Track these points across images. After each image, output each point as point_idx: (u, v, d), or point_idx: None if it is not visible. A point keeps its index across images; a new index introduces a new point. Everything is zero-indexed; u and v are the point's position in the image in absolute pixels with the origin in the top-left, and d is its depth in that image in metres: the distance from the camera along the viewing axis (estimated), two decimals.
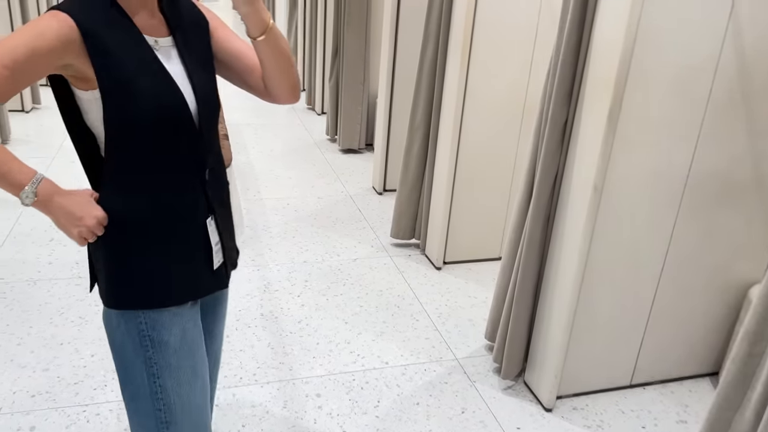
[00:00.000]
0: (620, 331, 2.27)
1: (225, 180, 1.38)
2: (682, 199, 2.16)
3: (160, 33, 1.22)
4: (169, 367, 1.26)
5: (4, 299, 2.63)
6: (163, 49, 1.21)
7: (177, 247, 1.26)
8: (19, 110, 5.20)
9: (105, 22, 1.14)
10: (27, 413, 2.04)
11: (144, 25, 1.19)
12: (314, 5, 5.50)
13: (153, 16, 1.22)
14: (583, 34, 2.00)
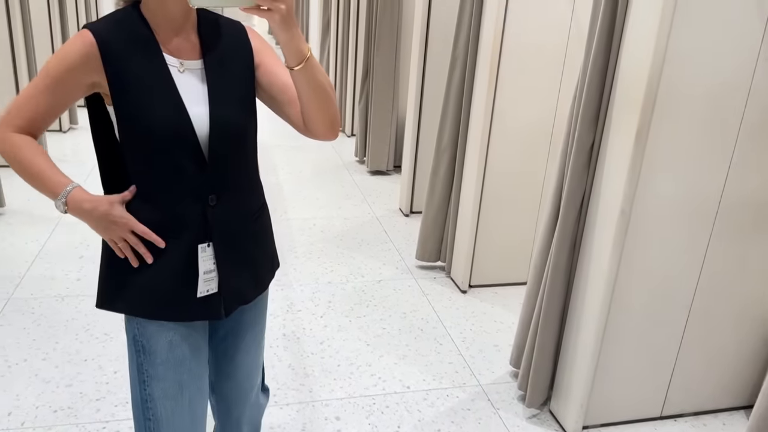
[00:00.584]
0: (649, 361, 2.20)
1: (245, 211, 1.33)
2: (714, 226, 2.09)
3: (190, 56, 1.22)
4: (156, 377, 1.26)
5: (32, 314, 2.68)
6: (188, 72, 1.21)
7: (165, 267, 1.24)
8: (56, 130, 5.37)
9: (127, 40, 1.17)
10: (48, 428, 2.05)
11: (173, 47, 1.20)
12: (346, 30, 5.58)
13: (186, 39, 1.22)
14: (610, 56, 1.98)
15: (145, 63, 1.18)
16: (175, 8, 1.19)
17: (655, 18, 1.79)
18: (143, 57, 1.18)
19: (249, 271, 1.35)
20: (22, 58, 4.22)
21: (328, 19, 6.55)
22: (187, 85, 1.20)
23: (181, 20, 1.21)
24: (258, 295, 1.39)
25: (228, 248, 1.28)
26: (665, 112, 1.91)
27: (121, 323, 2.61)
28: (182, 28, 1.22)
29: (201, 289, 1.26)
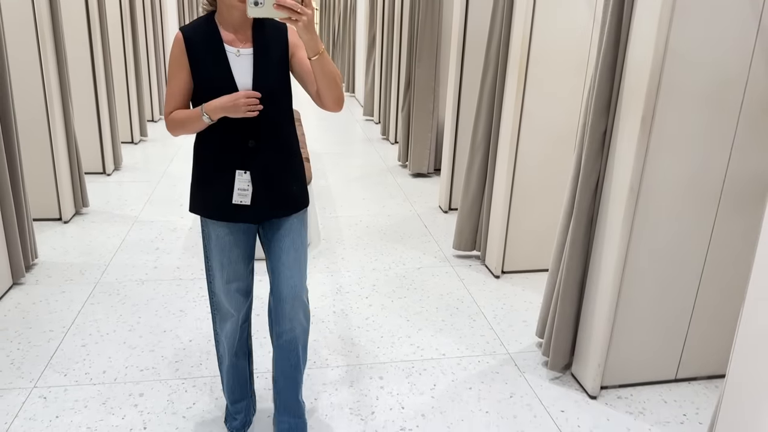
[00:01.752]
0: (664, 327, 2.42)
1: (277, 153, 1.84)
2: (720, 202, 2.30)
3: (244, 45, 1.77)
4: (210, 256, 1.93)
5: (118, 295, 3.09)
6: (243, 56, 1.76)
7: (217, 184, 1.82)
8: (129, 142, 5.91)
9: (203, 36, 1.75)
10: (137, 383, 2.42)
11: (232, 40, 1.76)
12: (390, 44, 5.96)
13: (243, 35, 1.77)
14: (618, 51, 2.24)
15: (210, 50, 1.75)
16: (235, 16, 1.74)
17: (655, 16, 2.05)
18: (209, 47, 1.75)
19: (277, 195, 1.86)
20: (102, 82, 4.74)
21: (374, 35, 6.95)
22: (241, 65, 1.76)
23: (240, 23, 1.76)
24: (284, 215, 1.89)
25: (260, 177, 1.82)
26: (669, 100, 2.14)
27: (193, 302, 3.00)
28: (240, 28, 1.77)
29: (235, 200, 1.82)
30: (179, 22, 8.60)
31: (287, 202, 1.89)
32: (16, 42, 3.53)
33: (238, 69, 1.75)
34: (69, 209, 3.99)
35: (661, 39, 2.07)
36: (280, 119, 1.83)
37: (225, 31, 1.76)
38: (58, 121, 3.82)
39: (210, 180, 1.83)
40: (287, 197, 1.89)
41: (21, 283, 3.14)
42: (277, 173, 1.85)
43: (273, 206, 1.87)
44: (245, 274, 1.96)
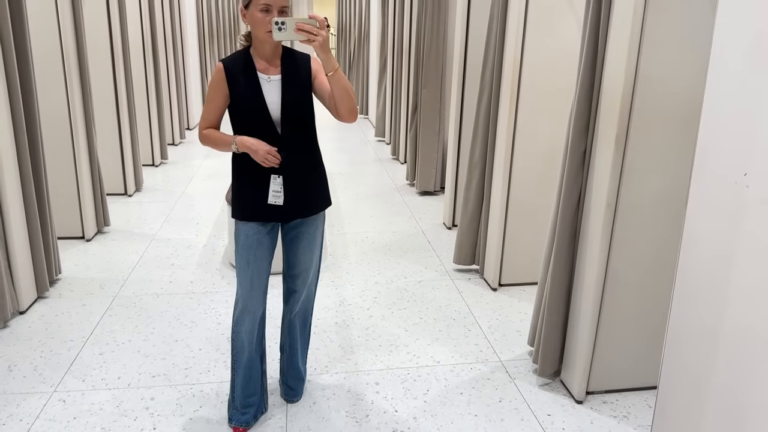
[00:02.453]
0: (646, 335, 2.53)
1: (304, 161, 2.17)
2: None
3: (274, 72, 2.09)
4: (238, 251, 2.19)
5: (134, 307, 3.28)
6: (273, 82, 2.08)
7: (254, 190, 2.14)
8: (150, 164, 6.18)
9: (239, 66, 2.08)
10: (149, 388, 2.59)
11: (264, 68, 2.09)
12: (399, 69, 6.17)
13: (273, 64, 2.10)
14: (595, 76, 2.39)
15: (246, 77, 2.07)
16: (267, 49, 2.07)
17: (625, 43, 2.20)
18: (245, 75, 2.07)
19: (305, 198, 2.19)
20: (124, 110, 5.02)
21: (385, 59, 7.17)
22: (271, 89, 2.08)
23: (271, 55, 2.08)
24: (310, 215, 2.22)
25: (291, 181, 2.13)
26: (641, 121, 2.28)
27: (204, 314, 3.18)
28: (271, 59, 2.09)
29: (270, 200, 2.13)
30: (199, 51, 8.95)
31: (314, 204, 2.23)
32: (44, 70, 3.79)
33: (268, 91, 2.07)
34: (91, 228, 4.22)
35: (631, 65, 2.22)
36: (304, 131, 2.15)
37: (258, 62, 2.08)
38: (82, 146, 4.07)
39: (248, 186, 2.15)
40: (312, 198, 2.22)
41: (45, 297, 3.36)
42: (304, 178, 2.17)
43: (300, 206, 2.18)
44: (266, 271, 2.24)
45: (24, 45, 3.10)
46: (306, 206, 2.21)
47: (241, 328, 2.26)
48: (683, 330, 1.70)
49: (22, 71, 3.12)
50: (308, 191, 2.20)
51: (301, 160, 2.16)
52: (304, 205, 2.20)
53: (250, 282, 2.19)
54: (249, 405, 2.34)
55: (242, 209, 2.17)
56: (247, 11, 2.02)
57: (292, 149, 2.11)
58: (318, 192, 2.25)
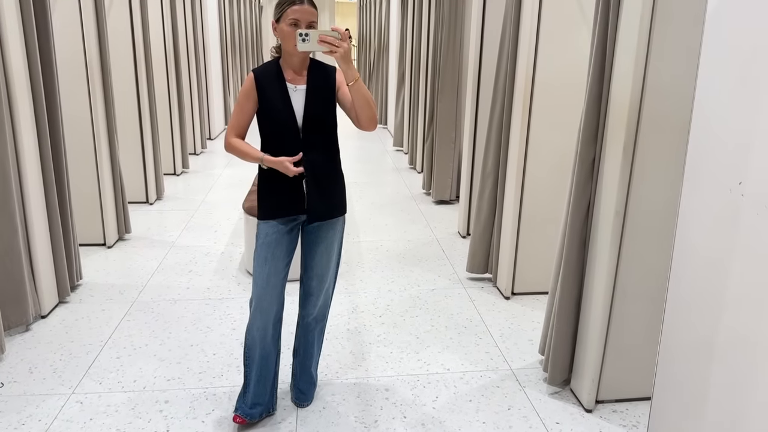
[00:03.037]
0: (657, 343, 2.51)
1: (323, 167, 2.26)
2: None
3: (300, 83, 2.21)
4: (257, 249, 2.28)
5: (152, 312, 3.35)
6: (299, 91, 2.20)
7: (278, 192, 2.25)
8: (171, 173, 6.30)
9: (269, 76, 2.21)
10: (164, 391, 2.65)
11: (291, 78, 2.21)
12: (417, 79, 6.22)
13: (300, 75, 2.22)
14: (603, 85, 2.41)
15: (276, 87, 2.20)
16: (295, 61, 2.19)
17: (632, 54, 2.22)
18: (275, 84, 2.20)
19: (325, 201, 2.28)
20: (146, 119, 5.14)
21: (403, 71, 7.24)
22: (298, 98, 2.20)
23: (298, 66, 2.20)
24: (329, 218, 2.30)
25: (312, 184, 2.23)
26: (649, 130, 2.29)
27: (219, 320, 3.24)
28: (299, 70, 2.21)
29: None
30: (222, 63, 9.10)
31: (332, 209, 2.32)
32: (67, 79, 3.90)
33: (295, 100, 2.19)
34: (112, 235, 4.32)
35: (638, 74, 2.23)
36: (325, 138, 2.26)
37: (287, 72, 2.21)
38: (105, 154, 4.18)
39: (273, 189, 2.26)
40: (331, 205, 2.31)
41: (66, 302, 3.45)
42: (324, 181, 2.27)
43: (320, 208, 2.28)
44: (283, 271, 2.31)
45: (49, 54, 3.21)
46: (325, 209, 2.29)
47: (253, 325, 2.33)
48: (676, 339, 1.71)
49: (47, 80, 3.23)
50: (327, 195, 2.29)
51: (321, 164, 2.25)
52: (323, 208, 2.29)
53: (266, 279, 2.27)
54: (257, 403, 2.40)
55: (264, 209, 2.29)
56: (278, 25, 2.17)
57: (313, 154, 2.22)
58: (337, 197, 2.33)
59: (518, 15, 3.26)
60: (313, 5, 2.16)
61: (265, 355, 2.37)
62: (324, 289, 2.42)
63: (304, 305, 2.46)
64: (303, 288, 2.44)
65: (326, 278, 2.40)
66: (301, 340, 2.53)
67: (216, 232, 4.67)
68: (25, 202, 3.10)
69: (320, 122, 2.22)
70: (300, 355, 2.54)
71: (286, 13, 2.12)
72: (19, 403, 2.53)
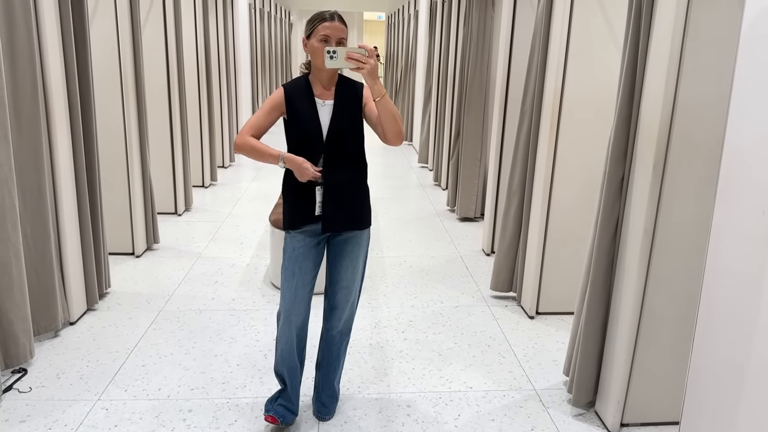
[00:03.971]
0: (685, 367, 2.46)
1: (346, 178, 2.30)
2: None
3: (328, 98, 2.26)
4: (285, 263, 2.33)
5: (177, 322, 3.39)
6: (326, 106, 2.25)
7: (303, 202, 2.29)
8: (200, 185, 6.40)
9: (298, 90, 2.26)
10: (187, 400, 2.67)
11: (320, 93, 2.26)
12: (443, 96, 6.25)
13: (329, 90, 2.27)
14: (633, 104, 2.40)
15: (304, 101, 2.25)
16: (324, 76, 2.24)
17: (663, 73, 2.21)
18: (304, 99, 2.25)
19: (342, 213, 2.30)
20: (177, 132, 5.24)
21: (430, 88, 7.27)
22: (325, 111, 2.25)
23: (327, 82, 2.25)
24: (345, 230, 2.32)
25: (329, 195, 2.26)
26: (679, 150, 2.26)
27: (244, 330, 3.27)
28: (327, 85, 2.26)
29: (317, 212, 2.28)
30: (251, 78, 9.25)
31: (352, 221, 2.34)
32: (103, 92, 4.00)
33: (322, 114, 2.24)
34: (141, 245, 4.39)
35: (669, 92, 2.22)
36: (351, 152, 2.30)
37: (316, 87, 2.26)
38: (136, 165, 4.27)
39: (297, 200, 2.30)
40: (352, 217, 2.34)
41: (94, 309, 3.51)
42: (344, 194, 2.30)
43: (340, 220, 2.30)
44: (310, 284, 2.36)
45: (86, 67, 3.30)
46: (343, 220, 2.32)
47: (282, 336, 2.38)
48: (706, 362, 1.68)
49: (83, 92, 3.31)
50: (346, 206, 2.31)
51: (343, 177, 2.29)
52: (341, 219, 2.31)
53: (294, 292, 2.31)
54: (290, 411, 2.45)
55: (290, 220, 2.33)
56: (309, 41, 2.22)
57: (335, 167, 2.26)
58: (357, 210, 2.35)
59: (547, 33, 3.27)
60: (343, 22, 2.21)
61: (292, 366, 2.41)
62: (349, 302, 2.44)
63: (328, 318, 2.48)
64: (328, 301, 2.46)
65: (351, 291, 2.43)
66: (324, 353, 2.54)
67: (242, 244, 4.71)
68: (58, 211, 3.17)
69: (345, 136, 2.26)
70: (323, 368, 2.55)
71: (317, 30, 2.17)
72: (47, 407, 2.57)
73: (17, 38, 2.79)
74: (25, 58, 2.82)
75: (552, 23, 3.24)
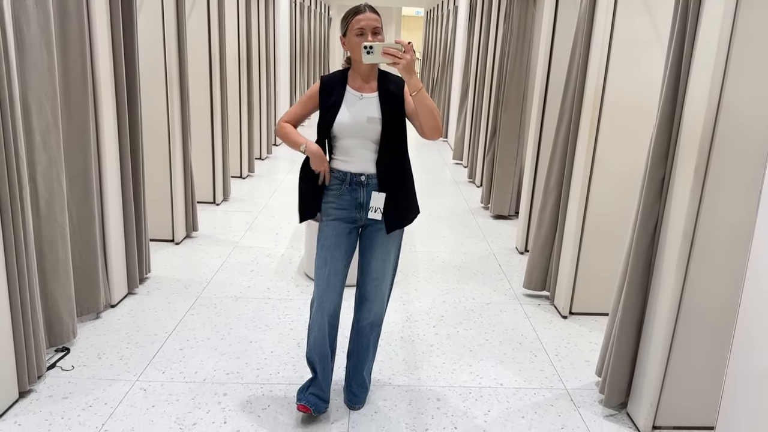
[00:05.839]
0: (720, 371, 2.43)
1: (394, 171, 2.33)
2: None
3: (369, 91, 2.29)
4: (318, 252, 2.37)
5: (214, 308, 3.47)
6: (366, 99, 2.28)
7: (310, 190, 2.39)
8: (238, 176, 6.51)
9: (333, 83, 2.32)
10: (222, 384, 2.74)
11: (359, 86, 2.30)
12: (480, 93, 6.22)
13: (369, 83, 2.30)
14: (676, 105, 2.37)
15: (337, 94, 2.30)
16: (363, 70, 2.28)
17: (708, 75, 2.17)
18: (338, 91, 2.30)
19: (401, 208, 2.35)
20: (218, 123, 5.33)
21: (467, 85, 7.24)
22: (364, 105, 2.28)
23: (367, 75, 2.29)
24: (404, 225, 2.38)
25: (387, 192, 2.31)
26: (722, 152, 2.22)
27: (278, 319, 3.33)
28: (367, 78, 2.30)
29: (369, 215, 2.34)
30: (290, 71, 9.34)
31: (406, 213, 2.39)
32: (148, 81, 4.11)
33: (360, 107, 2.27)
34: (181, 233, 4.50)
35: (714, 95, 2.18)
36: (398, 145, 2.31)
37: (355, 80, 2.31)
38: (178, 155, 4.37)
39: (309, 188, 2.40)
40: (407, 208, 2.39)
41: (135, 293, 3.61)
42: (399, 186, 2.34)
43: (400, 215, 2.36)
44: (342, 272, 2.38)
45: (133, 59, 3.40)
46: (404, 216, 2.38)
47: (315, 324, 2.41)
48: (744, 368, 1.65)
49: (130, 83, 3.41)
50: (402, 201, 2.35)
51: (393, 170, 2.32)
52: (401, 215, 2.37)
53: (326, 280, 2.35)
54: (322, 399, 2.49)
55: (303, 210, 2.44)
56: (346, 38, 2.26)
57: (385, 161, 2.30)
58: (408, 202, 2.40)
59: (590, 32, 3.24)
60: (375, 12, 2.24)
61: (324, 353, 2.44)
62: (380, 294, 2.46)
63: (359, 309, 2.51)
64: (359, 292, 2.49)
65: (383, 284, 2.44)
66: (355, 343, 2.57)
67: (277, 235, 4.79)
68: (103, 196, 3.27)
69: (390, 125, 2.27)
70: (353, 358, 2.59)
71: (351, 24, 2.21)
72: (87, 386, 2.67)
73: (69, 29, 2.88)
74: (76, 48, 2.92)
75: (595, 21, 3.21)
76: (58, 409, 2.50)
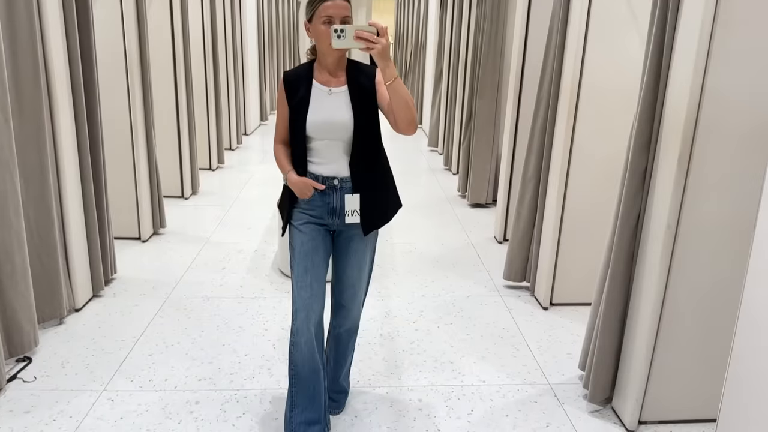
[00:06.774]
0: (706, 364, 2.39)
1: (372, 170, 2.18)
2: None
3: (337, 84, 2.08)
4: (296, 260, 2.16)
5: (185, 310, 3.33)
6: (335, 94, 2.07)
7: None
8: (207, 168, 6.32)
9: (298, 78, 2.11)
10: (194, 391, 2.62)
11: (325, 80, 2.08)
12: (455, 80, 6.12)
13: (336, 76, 2.09)
14: (658, 92, 2.29)
15: (303, 89, 2.09)
16: (330, 61, 2.06)
17: (691, 60, 2.09)
18: (303, 86, 2.09)
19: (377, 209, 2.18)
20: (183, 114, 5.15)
21: (440, 70, 7.13)
22: (334, 101, 2.07)
23: (334, 67, 2.08)
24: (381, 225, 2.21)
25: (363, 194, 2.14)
26: (706, 141, 2.15)
27: (252, 319, 3.20)
28: (334, 71, 2.08)
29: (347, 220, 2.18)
30: (259, 59, 9.12)
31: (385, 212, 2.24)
32: (107, 74, 3.91)
33: (329, 104, 2.07)
34: (147, 230, 4.33)
35: (697, 82, 2.11)
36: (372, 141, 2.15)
37: (321, 74, 2.09)
38: (142, 148, 4.19)
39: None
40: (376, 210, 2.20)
41: (100, 296, 3.45)
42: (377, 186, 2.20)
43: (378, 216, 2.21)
44: (324, 277, 2.20)
45: (89, 49, 3.21)
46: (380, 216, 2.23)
47: (301, 338, 2.15)
48: (747, 363, 1.59)
49: (86, 75, 3.23)
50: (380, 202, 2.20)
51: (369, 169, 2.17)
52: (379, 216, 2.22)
53: (310, 289, 2.14)
54: (315, 422, 2.21)
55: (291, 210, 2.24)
56: (311, 25, 2.03)
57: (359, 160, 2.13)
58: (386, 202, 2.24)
59: (566, 16, 3.15)
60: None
61: (316, 368, 2.20)
62: (357, 301, 2.33)
63: (335, 315, 2.37)
64: (334, 299, 2.33)
65: (359, 291, 2.31)
66: (332, 350, 2.44)
67: (250, 230, 4.65)
68: (62, 196, 3.10)
69: (362, 121, 2.07)
70: (331, 364, 2.46)
71: (318, 11, 1.98)
72: (51, 398, 2.53)
73: (17, 19, 2.69)
74: (25, 40, 2.73)
75: (572, 5, 3.11)
76: (19, 425, 2.35)
